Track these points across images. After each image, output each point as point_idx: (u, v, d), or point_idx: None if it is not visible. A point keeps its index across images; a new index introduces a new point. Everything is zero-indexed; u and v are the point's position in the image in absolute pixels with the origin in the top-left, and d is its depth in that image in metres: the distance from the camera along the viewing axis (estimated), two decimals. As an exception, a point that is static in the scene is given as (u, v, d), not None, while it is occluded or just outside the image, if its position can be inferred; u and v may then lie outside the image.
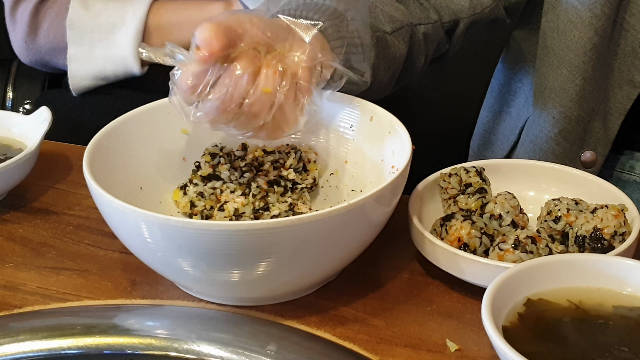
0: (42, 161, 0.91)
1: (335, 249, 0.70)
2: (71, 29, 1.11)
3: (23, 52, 1.16)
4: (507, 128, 1.01)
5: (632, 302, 0.67)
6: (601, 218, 0.73)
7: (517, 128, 0.98)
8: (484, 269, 0.70)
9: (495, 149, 1.02)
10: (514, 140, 0.99)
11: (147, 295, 0.75)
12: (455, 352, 0.68)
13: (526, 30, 0.99)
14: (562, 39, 0.89)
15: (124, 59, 1.11)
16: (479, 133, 1.05)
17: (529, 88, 0.98)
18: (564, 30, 0.89)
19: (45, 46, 1.14)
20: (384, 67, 0.83)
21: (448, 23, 0.89)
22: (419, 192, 0.80)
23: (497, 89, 1.04)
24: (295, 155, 0.82)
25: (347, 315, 0.72)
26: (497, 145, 1.02)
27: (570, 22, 0.88)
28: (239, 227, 0.65)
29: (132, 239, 0.70)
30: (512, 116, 1.01)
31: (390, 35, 0.83)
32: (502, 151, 1.01)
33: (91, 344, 0.69)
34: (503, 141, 1.01)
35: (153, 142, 0.82)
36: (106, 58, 1.12)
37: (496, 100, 1.04)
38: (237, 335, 0.69)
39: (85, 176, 0.71)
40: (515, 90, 1.01)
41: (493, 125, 1.04)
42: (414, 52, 0.87)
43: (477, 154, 1.05)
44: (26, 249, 0.81)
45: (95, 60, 1.12)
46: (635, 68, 0.89)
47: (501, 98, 1.03)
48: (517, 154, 0.98)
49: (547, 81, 0.91)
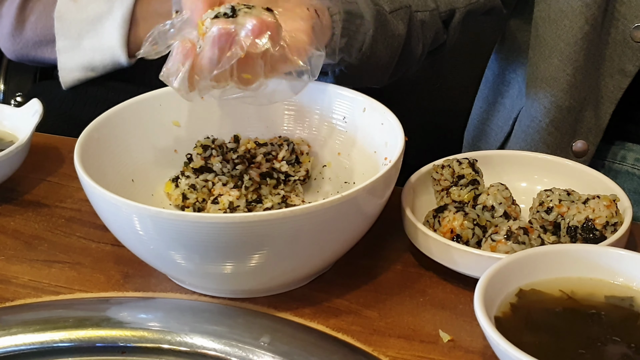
0: (34, 154, 0.91)
1: (328, 241, 0.70)
2: (59, 20, 1.11)
3: (9, 46, 1.15)
4: (501, 119, 1.01)
5: (623, 292, 0.67)
6: (593, 208, 0.74)
7: (511, 119, 0.98)
8: (477, 260, 0.71)
9: (489, 140, 1.02)
10: (507, 131, 0.99)
11: (140, 288, 0.74)
12: (448, 343, 0.68)
13: (520, 20, 0.99)
14: (553, 28, 0.89)
15: (111, 49, 1.11)
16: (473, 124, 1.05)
17: (522, 78, 0.98)
18: (555, 19, 0.89)
19: (33, 39, 1.14)
20: (383, 45, 0.83)
21: (445, 13, 0.89)
22: (411, 184, 0.80)
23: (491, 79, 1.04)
24: (288, 148, 0.82)
25: (340, 307, 0.72)
26: (491, 136, 1.02)
27: (561, 12, 0.88)
28: (231, 220, 0.65)
29: (124, 231, 0.70)
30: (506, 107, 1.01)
31: (389, 14, 0.83)
32: (496, 142, 1.01)
33: (83, 337, 0.69)
34: (497, 132, 1.01)
35: (145, 134, 0.81)
36: (94, 48, 1.12)
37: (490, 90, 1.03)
38: (231, 328, 0.69)
39: (77, 168, 0.71)
40: (509, 81, 1.01)
41: (487, 116, 1.03)
42: (412, 36, 0.87)
43: (471, 145, 1.05)
44: (18, 241, 0.81)
45: (83, 51, 1.12)
46: (626, 57, 0.89)
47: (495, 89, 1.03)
48: (510, 145, 0.98)
49: (539, 71, 0.91)
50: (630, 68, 0.89)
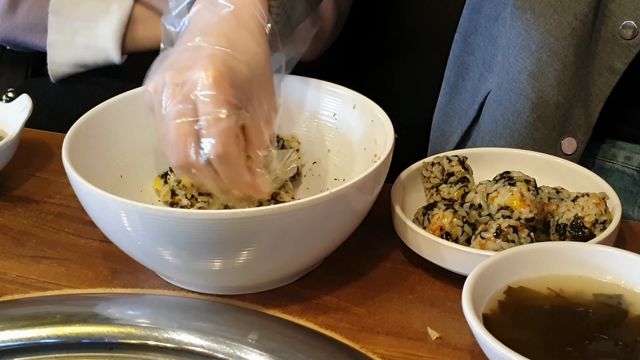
0: (23, 149, 0.91)
1: (317, 238, 0.70)
2: (54, 14, 1.10)
3: None
4: (465, 102, 1.00)
5: (612, 289, 0.67)
6: (582, 206, 0.74)
7: (476, 103, 0.97)
8: (466, 257, 0.71)
9: (453, 123, 1.00)
10: (472, 115, 0.97)
11: (128, 284, 0.74)
12: (436, 340, 0.68)
13: None
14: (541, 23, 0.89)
15: (105, 50, 1.11)
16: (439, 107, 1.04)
17: (481, 62, 0.97)
18: (543, 14, 0.89)
19: (23, 25, 1.13)
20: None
21: None
22: (401, 181, 0.80)
23: (452, 60, 1.03)
24: (278, 144, 0.82)
25: (329, 304, 0.72)
26: (455, 120, 1.00)
27: (550, 6, 0.88)
28: (219, 216, 0.65)
29: (112, 228, 0.70)
30: (468, 90, 1.00)
31: None
32: (461, 126, 0.99)
33: (70, 333, 0.68)
34: (461, 115, 0.99)
35: (134, 129, 0.81)
36: (87, 47, 1.11)
37: (452, 72, 1.02)
38: (218, 324, 0.69)
39: (64, 164, 0.71)
40: (468, 64, 1.00)
41: (450, 98, 1.02)
42: None
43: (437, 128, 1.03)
44: (6, 237, 0.81)
45: (75, 49, 1.11)
46: (615, 54, 0.88)
47: (456, 71, 1.02)
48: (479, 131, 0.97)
49: (526, 65, 0.90)
50: (619, 66, 0.89)
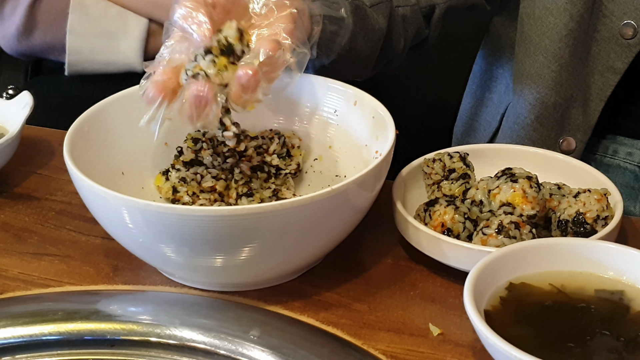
0: (24, 146, 0.91)
1: (318, 235, 0.70)
2: (72, 35, 1.11)
3: (14, 47, 1.16)
4: (489, 114, 1.01)
5: (613, 285, 0.67)
6: (584, 202, 0.74)
7: (499, 114, 0.98)
8: (467, 253, 0.71)
9: (477, 135, 1.02)
10: (495, 126, 0.99)
11: (129, 281, 0.74)
12: (438, 336, 0.68)
13: (505, 17, 0.99)
14: (537, 25, 0.89)
15: (129, 65, 1.13)
16: (462, 120, 1.06)
17: (509, 74, 0.98)
18: (539, 16, 0.89)
19: (40, 46, 1.15)
20: (363, 39, 0.83)
21: (425, 8, 0.90)
22: (402, 178, 0.80)
23: (478, 75, 1.04)
24: (279, 141, 0.82)
25: (330, 301, 0.72)
26: (480, 132, 1.02)
27: (546, 8, 0.88)
28: (220, 213, 0.65)
29: (114, 224, 0.70)
30: (494, 102, 1.01)
31: (370, 8, 0.84)
32: (485, 137, 1.01)
33: (72, 330, 0.68)
34: (485, 127, 1.01)
35: (135, 126, 0.80)
36: (108, 63, 1.13)
37: (478, 86, 1.04)
38: (220, 321, 0.69)
39: (66, 161, 0.71)
40: (496, 77, 1.01)
41: (475, 111, 1.04)
42: (393, 31, 0.87)
43: (460, 141, 1.05)
44: (8, 234, 0.81)
45: (96, 65, 1.13)
46: (615, 54, 0.89)
47: (483, 84, 1.03)
48: (498, 140, 0.98)
49: (524, 67, 0.91)
50: (620, 65, 0.89)
